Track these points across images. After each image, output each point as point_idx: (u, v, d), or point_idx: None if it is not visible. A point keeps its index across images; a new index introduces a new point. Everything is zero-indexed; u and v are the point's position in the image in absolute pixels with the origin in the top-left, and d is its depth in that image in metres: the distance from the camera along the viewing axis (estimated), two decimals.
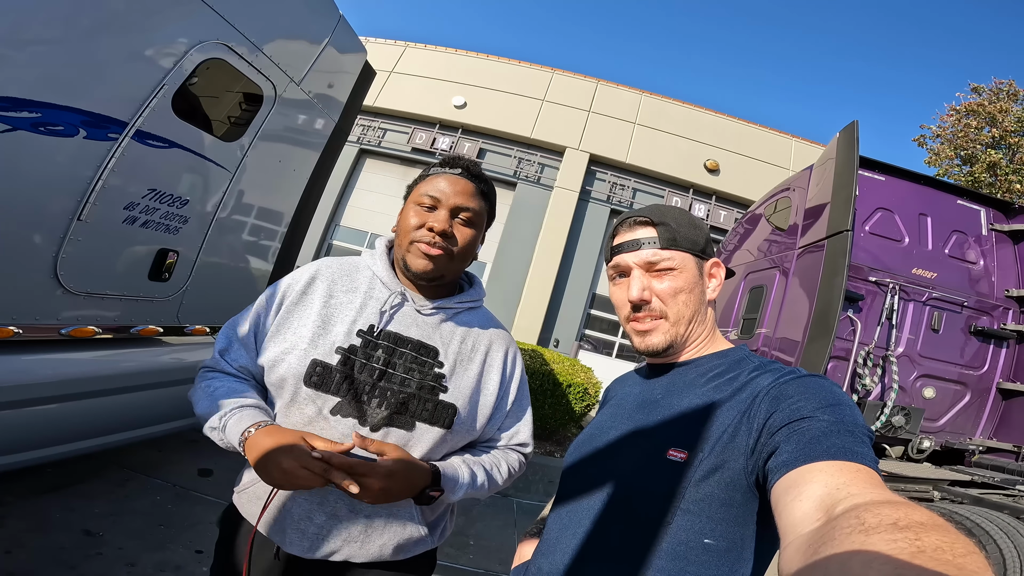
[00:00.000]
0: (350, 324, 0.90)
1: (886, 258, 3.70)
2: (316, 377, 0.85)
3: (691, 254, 0.78)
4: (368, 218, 11.57)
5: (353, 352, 0.88)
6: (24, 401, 1.73)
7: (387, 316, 0.92)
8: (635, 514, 0.68)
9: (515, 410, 1.02)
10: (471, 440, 0.98)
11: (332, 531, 0.86)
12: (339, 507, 0.87)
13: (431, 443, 0.89)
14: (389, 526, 0.89)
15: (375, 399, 0.87)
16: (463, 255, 0.95)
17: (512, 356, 1.02)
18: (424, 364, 0.91)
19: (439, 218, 0.91)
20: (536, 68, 11.95)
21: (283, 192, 3.00)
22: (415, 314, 0.94)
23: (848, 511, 0.40)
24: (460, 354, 0.95)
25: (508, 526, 3.12)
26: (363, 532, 0.88)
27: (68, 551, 1.95)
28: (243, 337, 0.93)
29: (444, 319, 0.96)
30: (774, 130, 11.70)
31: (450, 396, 0.91)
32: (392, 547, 0.90)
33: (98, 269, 1.98)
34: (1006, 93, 9.69)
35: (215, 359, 0.94)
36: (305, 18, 2.67)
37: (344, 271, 0.97)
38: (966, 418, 3.67)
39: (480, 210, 0.96)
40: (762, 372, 0.69)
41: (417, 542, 0.93)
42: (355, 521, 0.87)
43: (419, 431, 0.89)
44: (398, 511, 0.90)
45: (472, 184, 0.96)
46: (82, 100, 1.70)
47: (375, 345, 0.89)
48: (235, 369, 0.93)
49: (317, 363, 0.86)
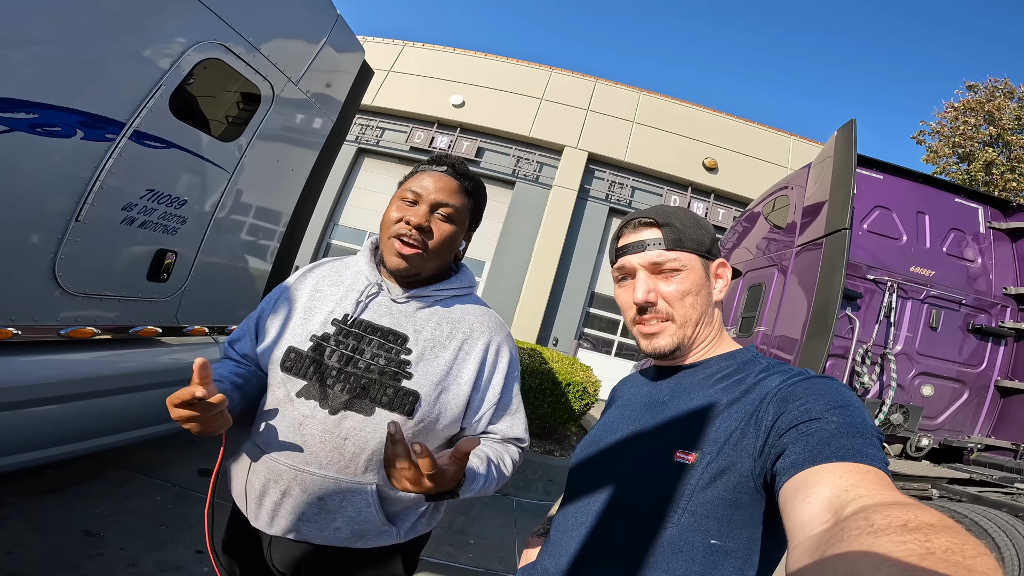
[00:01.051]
0: (327, 314, 0.94)
1: (884, 256, 3.71)
2: (288, 362, 0.90)
3: (697, 255, 0.77)
4: (366, 217, 11.55)
5: (325, 339, 0.92)
6: (24, 402, 1.72)
7: (362, 305, 0.94)
8: (642, 515, 0.67)
9: (504, 403, 0.98)
10: (451, 434, 0.96)
11: (287, 509, 0.88)
12: (292, 486, 0.87)
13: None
14: (342, 509, 0.88)
15: (339, 384, 0.89)
16: (439, 251, 0.94)
17: (496, 344, 0.97)
18: (391, 351, 0.91)
19: (417, 212, 0.92)
20: (534, 67, 11.93)
21: (281, 192, 2.99)
22: (390, 303, 0.95)
23: (857, 513, 0.40)
24: (433, 341, 0.93)
25: (508, 525, 3.13)
26: (317, 514, 0.88)
27: (69, 552, 1.95)
28: (249, 330, 1.03)
29: (420, 307, 0.96)
30: (772, 128, 11.73)
31: (414, 383, 0.89)
32: (348, 531, 0.89)
33: (96, 270, 1.98)
34: (1001, 91, 9.72)
35: (226, 348, 1.05)
36: (302, 18, 2.66)
37: (335, 268, 1.03)
38: (964, 416, 3.69)
39: (462, 207, 0.96)
40: (770, 373, 0.69)
41: (378, 533, 0.91)
42: (308, 501, 0.88)
43: (378, 417, 0.87)
44: (351, 495, 0.88)
45: (456, 182, 0.96)
46: (79, 101, 1.69)
47: (347, 333, 0.92)
48: (239, 356, 1.03)
49: (292, 349, 0.91)
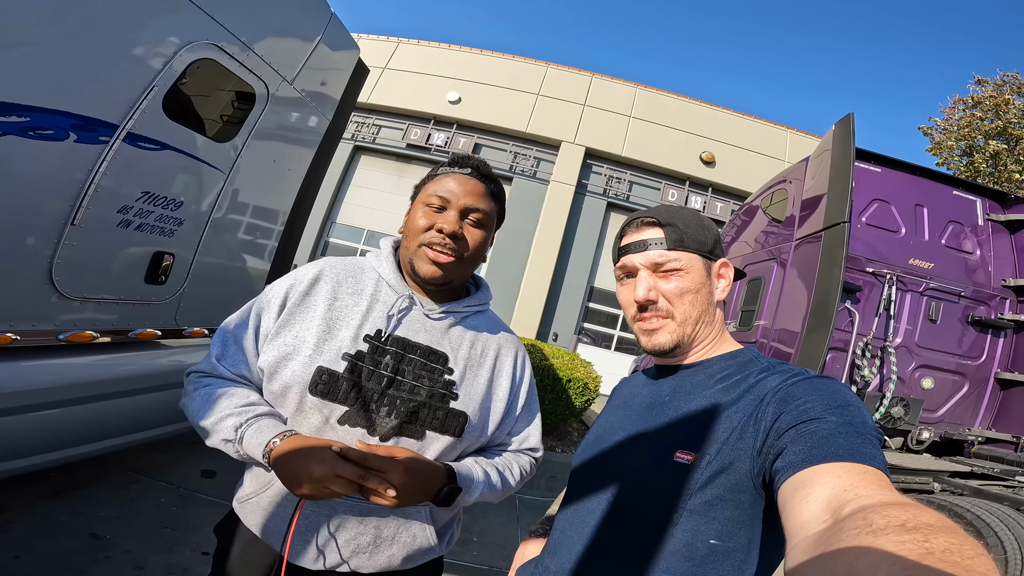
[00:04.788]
0: (356, 329, 0.86)
1: (883, 249, 3.71)
2: (322, 385, 0.81)
3: (699, 255, 0.77)
4: (364, 215, 11.53)
5: (360, 358, 0.84)
6: (26, 407, 1.72)
7: (395, 320, 0.88)
8: (641, 515, 0.68)
9: (524, 415, 1.00)
10: (480, 446, 0.97)
11: (340, 542, 0.84)
12: (348, 518, 0.84)
13: (439, 451, 0.87)
14: (399, 536, 0.87)
15: (384, 408, 0.83)
16: (473, 258, 0.91)
17: (521, 360, 1.00)
18: (434, 371, 0.88)
19: (449, 219, 0.87)
20: (530, 62, 11.88)
21: (278, 191, 2.98)
22: (423, 319, 0.91)
23: (856, 512, 0.40)
24: (470, 360, 0.92)
25: (511, 522, 3.14)
26: (372, 543, 0.85)
27: (76, 555, 1.95)
28: (241, 341, 0.87)
29: (453, 323, 0.93)
30: (769, 122, 11.70)
31: (460, 404, 0.88)
32: (401, 557, 0.88)
33: (94, 273, 1.97)
34: (1010, 86, 9.70)
35: (211, 364, 0.87)
36: (296, 17, 2.64)
37: (349, 272, 0.92)
38: (965, 408, 3.69)
39: (490, 211, 0.93)
40: (770, 373, 0.69)
41: (426, 551, 0.91)
42: (364, 532, 0.85)
43: (428, 440, 0.86)
44: (410, 521, 0.87)
45: (482, 184, 0.92)
46: (71, 103, 1.68)
47: (383, 351, 0.85)
48: (233, 375, 0.86)
49: (323, 370, 0.81)
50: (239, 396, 0.82)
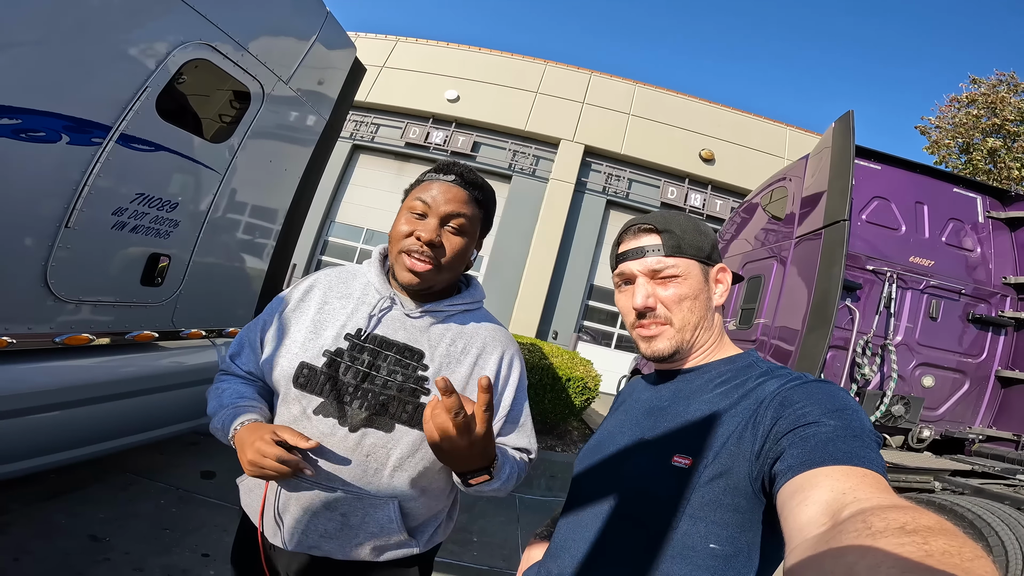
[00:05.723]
0: (339, 328, 0.92)
1: (883, 247, 3.70)
2: (302, 378, 0.89)
3: (696, 260, 0.78)
4: (363, 214, 11.53)
5: (339, 355, 0.90)
6: (24, 410, 1.72)
7: (375, 320, 0.93)
8: (641, 520, 0.68)
9: (513, 415, 1.00)
10: None
11: (308, 525, 0.88)
12: (314, 503, 0.87)
13: (410, 446, 0.88)
14: (364, 525, 0.88)
15: (356, 400, 0.88)
16: (451, 265, 0.93)
17: (508, 358, 0.99)
18: (408, 366, 0.91)
19: (427, 227, 0.89)
20: (529, 60, 11.86)
21: (276, 191, 2.97)
22: (404, 318, 0.94)
23: (855, 515, 0.40)
24: (448, 356, 0.93)
25: (511, 522, 3.14)
26: (339, 530, 0.88)
27: (75, 557, 1.95)
28: (251, 342, 0.99)
29: (434, 322, 0.95)
30: (768, 119, 11.69)
31: (432, 399, 0.89)
32: (370, 548, 0.89)
33: (89, 276, 1.96)
34: (1006, 85, 9.68)
35: (227, 363, 1.00)
36: (291, 16, 2.63)
37: (341, 279, 0.99)
38: (965, 406, 3.69)
39: (473, 217, 0.94)
40: (769, 378, 0.69)
41: (398, 544, 0.92)
42: (330, 518, 0.87)
43: (398, 433, 0.88)
44: (374, 511, 0.89)
45: (465, 192, 0.93)
46: (63, 105, 1.67)
47: (361, 348, 0.90)
48: (244, 372, 0.99)
49: (304, 365, 0.89)
50: (235, 392, 0.94)
